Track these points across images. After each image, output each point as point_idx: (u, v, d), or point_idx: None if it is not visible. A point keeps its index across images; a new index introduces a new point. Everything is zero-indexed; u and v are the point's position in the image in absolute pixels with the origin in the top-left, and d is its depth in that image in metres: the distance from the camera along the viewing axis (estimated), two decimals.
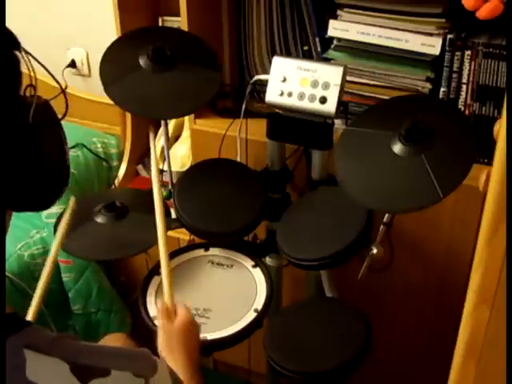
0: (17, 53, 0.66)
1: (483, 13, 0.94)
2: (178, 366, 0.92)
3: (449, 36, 1.33)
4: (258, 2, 1.58)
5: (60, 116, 0.72)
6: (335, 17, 1.43)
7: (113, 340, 1.10)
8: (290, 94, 1.29)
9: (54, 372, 0.65)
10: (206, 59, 1.37)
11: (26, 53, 0.66)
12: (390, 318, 1.61)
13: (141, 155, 2.01)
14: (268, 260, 1.51)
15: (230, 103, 1.65)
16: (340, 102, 1.26)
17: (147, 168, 2.00)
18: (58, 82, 0.76)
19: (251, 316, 1.21)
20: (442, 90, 1.38)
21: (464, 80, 1.35)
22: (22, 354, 0.64)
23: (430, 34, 1.35)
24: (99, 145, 2.00)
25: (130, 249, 1.30)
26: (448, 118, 1.17)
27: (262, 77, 1.37)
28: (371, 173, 1.15)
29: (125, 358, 0.74)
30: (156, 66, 1.30)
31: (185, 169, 1.54)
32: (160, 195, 1.21)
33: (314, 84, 1.26)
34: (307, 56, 1.57)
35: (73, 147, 1.92)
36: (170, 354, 0.95)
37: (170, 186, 1.45)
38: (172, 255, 1.36)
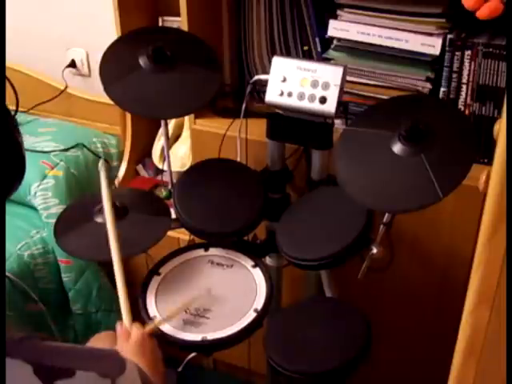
0: None
1: (483, 13, 0.93)
2: None
3: (449, 36, 1.33)
4: (258, 1, 1.58)
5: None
6: (335, 17, 1.43)
7: (102, 338, 1.08)
8: (289, 94, 1.29)
9: (16, 374, 0.64)
10: (206, 59, 1.37)
11: None
12: (389, 318, 1.61)
13: (141, 155, 2.01)
14: (268, 260, 1.51)
15: (230, 103, 1.65)
16: (340, 102, 1.26)
17: (147, 168, 2.00)
18: None
19: (251, 316, 1.21)
20: (442, 90, 1.38)
21: (464, 80, 1.35)
22: None
23: (430, 34, 1.35)
24: (99, 145, 2.00)
25: (130, 249, 1.30)
26: (448, 117, 1.17)
27: (262, 77, 1.37)
28: (371, 173, 1.15)
29: (91, 359, 0.73)
30: (156, 66, 1.30)
31: (185, 169, 1.54)
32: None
33: (314, 84, 1.26)
34: (307, 56, 1.57)
35: (73, 147, 1.93)
36: None
37: (170, 186, 1.45)
38: (172, 255, 1.36)
